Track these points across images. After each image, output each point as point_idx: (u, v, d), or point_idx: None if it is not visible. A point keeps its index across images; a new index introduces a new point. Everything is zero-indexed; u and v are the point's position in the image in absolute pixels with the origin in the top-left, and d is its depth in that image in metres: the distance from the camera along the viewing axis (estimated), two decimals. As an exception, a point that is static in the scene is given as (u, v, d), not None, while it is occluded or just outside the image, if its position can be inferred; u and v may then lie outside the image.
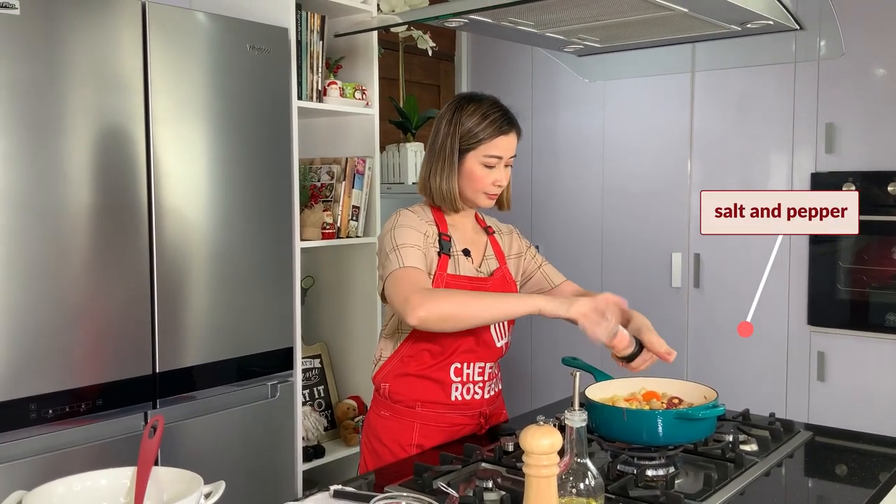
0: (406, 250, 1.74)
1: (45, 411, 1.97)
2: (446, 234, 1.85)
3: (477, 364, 1.85)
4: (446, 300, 1.64)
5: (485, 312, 1.66)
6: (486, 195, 1.85)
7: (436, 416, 1.82)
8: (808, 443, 1.83)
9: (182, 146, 2.26)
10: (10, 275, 1.92)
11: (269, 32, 2.50)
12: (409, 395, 1.83)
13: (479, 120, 1.80)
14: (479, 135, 1.80)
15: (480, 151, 1.80)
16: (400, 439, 1.82)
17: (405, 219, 1.81)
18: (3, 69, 1.90)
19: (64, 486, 1.15)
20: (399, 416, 1.84)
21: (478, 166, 1.81)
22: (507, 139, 1.83)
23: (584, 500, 1.13)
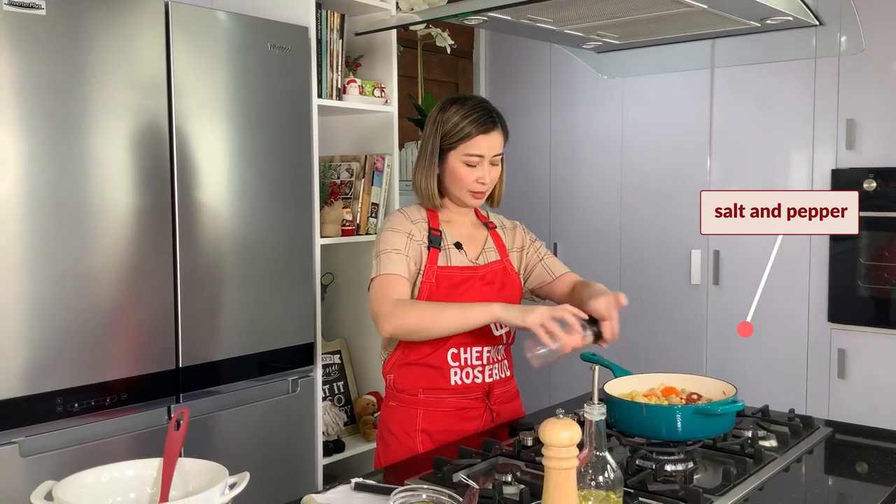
0: (386, 256, 1.82)
1: (72, 405, 2.01)
2: (437, 229, 1.90)
3: (474, 348, 1.88)
4: (411, 314, 1.75)
5: (447, 325, 1.75)
6: (471, 193, 1.89)
7: (437, 401, 1.87)
8: (828, 439, 1.83)
9: (204, 144, 2.29)
10: (37, 272, 1.96)
11: (289, 31, 2.52)
12: (412, 384, 1.89)
13: (459, 119, 1.85)
14: (458, 134, 1.85)
15: (461, 150, 1.85)
16: (405, 426, 1.88)
17: (392, 221, 1.90)
18: (30, 69, 1.94)
19: (93, 477, 1.18)
20: (404, 405, 1.90)
21: (459, 165, 1.86)
22: (487, 138, 1.85)
23: (603, 492, 1.14)
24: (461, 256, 1.91)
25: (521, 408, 2.04)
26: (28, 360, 1.94)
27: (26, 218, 1.94)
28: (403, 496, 1.24)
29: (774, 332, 3.31)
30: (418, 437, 1.86)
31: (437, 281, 1.85)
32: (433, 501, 1.22)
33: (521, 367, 1.99)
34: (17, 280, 1.92)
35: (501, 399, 1.95)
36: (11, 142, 1.91)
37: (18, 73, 1.92)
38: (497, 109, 1.92)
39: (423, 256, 1.86)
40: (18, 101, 1.92)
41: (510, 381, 2.00)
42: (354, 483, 1.50)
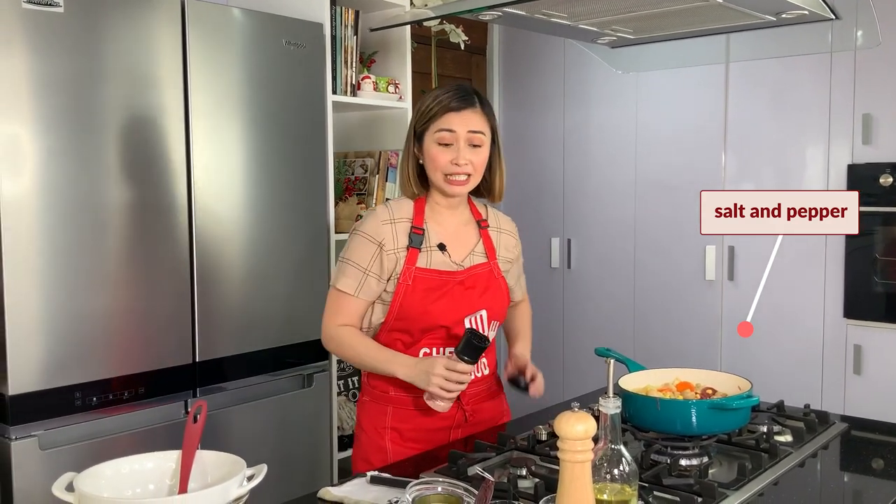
0: (345, 267, 1.80)
1: (90, 399, 2.03)
2: (419, 227, 1.82)
3: (447, 349, 1.81)
4: (340, 354, 1.87)
5: (368, 370, 1.85)
6: (448, 178, 1.79)
7: (408, 399, 1.82)
8: (844, 434, 1.83)
9: (220, 141, 2.31)
10: (55, 268, 1.98)
11: (304, 28, 2.53)
12: (384, 380, 1.84)
13: (432, 100, 1.80)
14: (428, 113, 1.79)
15: (432, 129, 1.78)
16: (375, 422, 1.85)
17: (368, 224, 1.81)
18: (47, 66, 1.96)
19: (112, 469, 1.20)
20: (375, 401, 1.86)
21: (433, 146, 1.78)
22: (458, 115, 1.77)
23: (618, 486, 1.14)
24: (444, 259, 1.82)
25: (503, 406, 2.00)
26: (47, 354, 1.97)
27: (44, 214, 1.96)
28: (419, 489, 1.25)
29: (790, 327, 3.30)
30: (388, 434, 1.83)
31: (413, 283, 1.77)
32: (448, 494, 1.23)
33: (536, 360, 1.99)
34: (36, 276, 1.95)
35: (477, 398, 1.88)
36: (29, 139, 1.94)
37: (36, 70, 1.94)
38: (481, 93, 1.84)
39: (399, 262, 1.78)
40: (36, 99, 1.94)
41: (488, 378, 1.92)
42: (370, 476, 1.51)
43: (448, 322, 1.80)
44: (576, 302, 3.91)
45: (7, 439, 1.92)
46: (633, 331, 3.70)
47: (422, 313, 1.78)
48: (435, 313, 1.79)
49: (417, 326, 1.79)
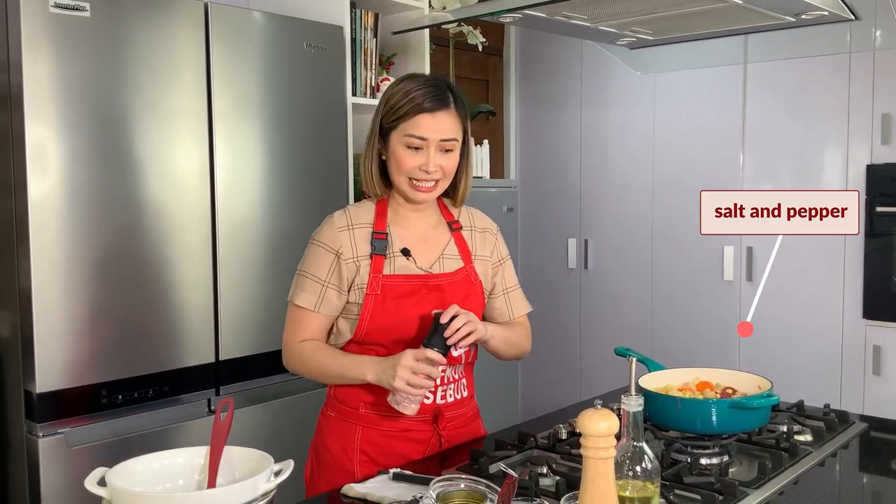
0: (302, 281, 1.66)
1: (115, 397, 2.06)
2: (381, 232, 1.66)
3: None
4: (304, 370, 1.69)
5: (334, 382, 1.69)
6: (412, 183, 1.62)
7: (380, 419, 1.66)
8: (864, 434, 1.83)
9: (242, 142, 2.34)
10: (81, 269, 2.01)
11: (324, 30, 2.56)
12: (354, 397, 1.67)
13: (402, 96, 1.60)
14: (398, 112, 1.60)
15: (401, 131, 1.60)
16: (343, 443, 1.67)
17: (324, 231, 1.68)
18: (74, 69, 1.99)
19: (143, 464, 1.22)
20: (343, 417, 1.69)
21: (400, 148, 1.61)
22: (432, 118, 1.59)
23: (640, 482, 1.16)
24: (408, 264, 1.66)
25: (480, 431, 1.82)
26: (73, 353, 2.00)
27: (70, 215, 1.99)
28: (442, 485, 1.27)
29: (809, 328, 3.29)
30: (356, 456, 1.65)
31: (382, 292, 1.62)
32: (472, 490, 1.24)
33: (554, 360, 2.00)
34: (63, 277, 1.98)
35: (455, 423, 1.72)
36: (56, 140, 1.97)
37: (63, 73, 1.98)
38: (455, 89, 1.66)
39: (360, 272, 1.63)
40: (63, 101, 1.98)
41: (468, 402, 1.76)
42: (393, 473, 1.52)
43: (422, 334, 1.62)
44: (593, 302, 3.92)
45: (35, 436, 1.96)
46: (651, 331, 3.71)
47: (395, 324, 1.62)
48: (411, 323, 1.62)
49: (390, 338, 1.63)
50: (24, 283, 1.95)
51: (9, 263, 2.00)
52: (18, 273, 1.97)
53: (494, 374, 3.62)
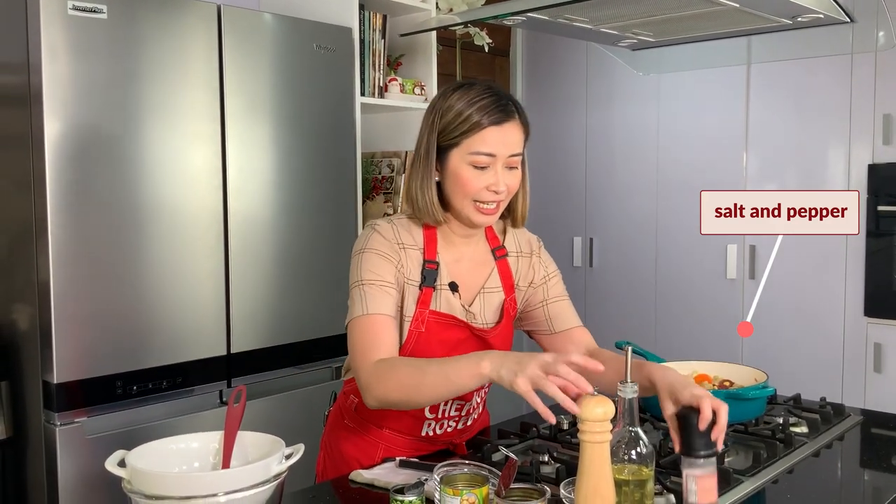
0: (372, 290, 1.45)
1: (131, 387, 2.12)
2: (433, 261, 1.51)
3: (456, 402, 1.60)
4: (390, 385, 1.38)
5: (431, 395, 1.39)
6: (477, 206, 1.46)
7: (404, 441, 1.61)
8: (859, 427, 1.87)
9: (253, 141, 2.40)
10: (98, 263, 2.07)
11: (334, 32, 2.62)
12: (379, 419, 1.59)
13: (463, 107, 1.43)
14: (461, 127, 1.43)
15: (465, 148, 1.43)
16: (361, 458, 1.61)
17: (376, 241, 1.49)
18: (93, 69, 2.05)
19: (161, 447, 1.28)
20: (364, 433, 1.62)
21: (464, 167, 1.44)
22: (500, 131, 1.43)
23: (636, 466, 1.21)
24: (453, 300, 1.53)
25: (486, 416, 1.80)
26: (90, 345, 2.06)
27: (86, 212, 2.05)
28: (446, 469, 1.32)
29: (810, 326, 3.33)
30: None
31: (427, 329, 1.49)
32: (474, 473, 1.29)
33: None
34: (81, 271, 2.04)
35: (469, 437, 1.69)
36: (73, 139, 2.03)
37: (80, 73, 2.03)
38: (513, 97, 1.50)
39: (408, 298, 1.49)
40: (80, 100, 2.04)
41: (482, 416, 1.74)
42: (399, 461, 1.58)
43: None
44: (598, 300, 3.96)
45: (53, 425, 2.02)
46: (655, 329, 3.75)
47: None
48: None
49: None
50: (43, 277, 2.01)
51: (28, 258, 2.06)
52: (37, 267, 2.03)
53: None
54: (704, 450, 1.23)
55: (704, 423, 1.23)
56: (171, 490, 1.12)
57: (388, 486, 1.42)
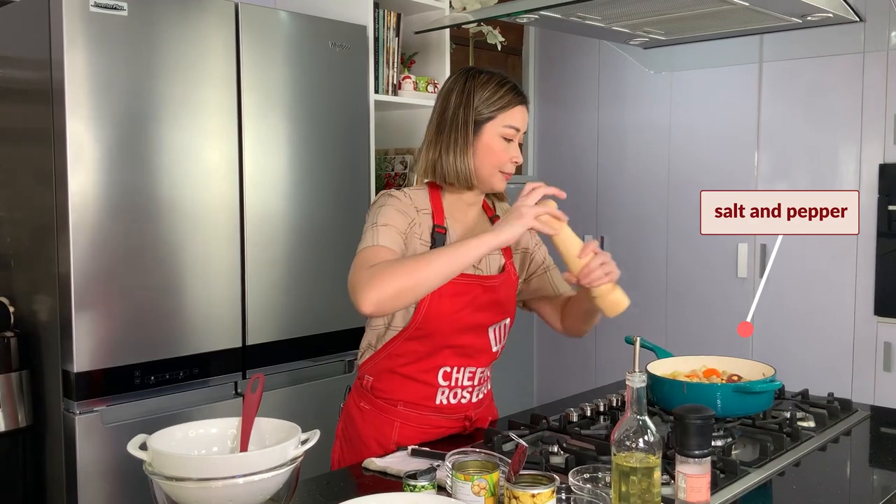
0: (384, 230, 1.57)
1: (148, 378, 2.17)
2: (441, 226, 1.66)
3: (468, 369, 1.71)
4: (394, 273, 1.43)
5: (441, 271, 1.45)
6: (503, 175, 1.67)
7: (417, 416, 1.70)
8: (866, 422, 1.88)
9: (269, 138, 2.43)
10: (117, 256, 2.11)
11: (348, 30, 2.65)
12: (393, 394, 1.70)
13: (495, 88, 1.63)
14: (498, 103, 1.62)
15: (500, 122, 1.62)
16: (379, 437, 1.70)
17: (394, 201, 1.63)
18: (113, 65, 2.09)
19: (181, 432, 1.31)
20: (379, 412, 1.71)
21: (496, 139, 1.62)
22: (522, 110, 1.65)
23: (643, 454, 1.23)
24: None
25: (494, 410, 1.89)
26: (109, 336, 2.10)
27: (106, 206, 2.10)
28: (457, 455, 1.35)
29: (821, 324, 3.34)
30: (392, 448, 1.68)
31: (439, 288, 1.55)
32: (485, 460, 1.33)
33: (568, 349, 2.06)
34: (99, 264, 2.08)
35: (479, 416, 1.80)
36: (94, 135, 2.07)
37: (101, 69, 2.07)
38: None
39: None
40: (100, 97, 2.08)
41: (489, 394, 1.85)
42: (411, 449, 1.61)
43: (474, 330, 1.68)
44: (608, 298, 3.97)
45: (72, 414, 2.06)
46: (665, 327, 3.77)
47: (449, 322, 1.63)
48: (463, 321, 1.65)
49: (440, 336, 1.64)
50: (64, 269, 2.05)
51: (49, 251, 2.10)
52: (58, 260, 2.07)
53: (511, 364, 3.70)
54: (697, 449, 1.26)
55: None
56: (190, 472, 1.16)
57: (400, 473, 1.46)
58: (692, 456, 1.27)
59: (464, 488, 1.27)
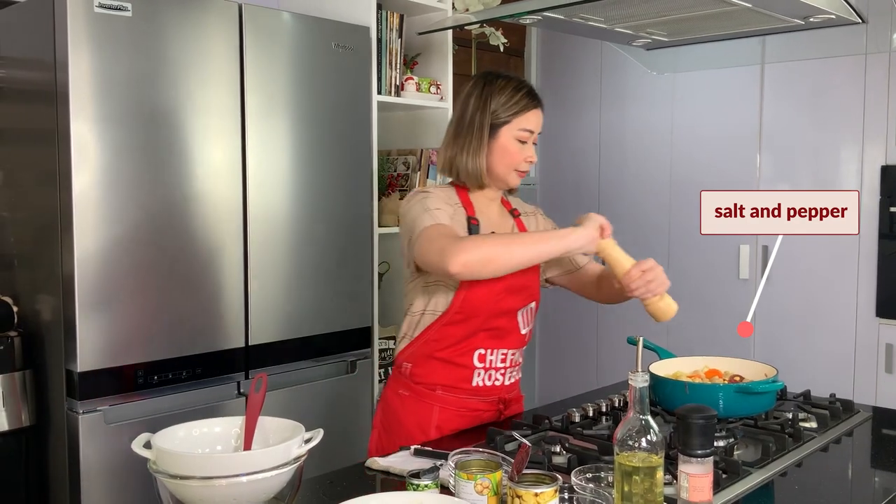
0: (440, 213, 1.72)
1: (151, 377, 2.17)
2: (474, 217, 1.81)
3: (500, 351, 1.83)
4: (485, 243, 1.63)
5: (527, 253, 1.65)
6: (518, 172, 1.82)
7: (456, 400, 1.82)
8: (868, 423, 1.89)
9: (272, 138, 2.44)
10: (121, 257, 2.12)
11: (351, 31, 2.65)
12: (431, 378, 1.82)
13: (511, 93, 1.78)
14: (513, 108, 1.77)
15: (515, 125, 1.78)
16: (420, 421, 1.81)
17: (434, 194, 1.79)
18: (118, 66, 2.10)
19: (185, 430, 1.32)
20: (419, 397, 1.82)
21: (512, 141, 1.78)
22: (537, 113, 1.81)
23: (645, 454, 1.24)
24: None
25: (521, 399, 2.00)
26: (112, 335, 2.11)
27: (110, 206, 2.10)
28: (460, 455, 1.36)
29: (822, 326, 3.34)
30: (433, 432, 1.80)
31: None
32: (487, 459, 1.33)
33: (570, 349, 2.07)
34: (103, 264, 2.09)
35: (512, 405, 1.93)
36: (98, 136, 2.08)
37: (105, 70, 2.08)
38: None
39: None
40: (104, 97, 2.09)
41: (518, 382, 1.96)
42: (414, 449, 1.62)
43: (506, 315, 1.81)
44: (610, 299, 3.98)
45: (75, 413, 2.07)
46: (667, 328, 3.76)
47: (486, 305, 1.76)
48: (499, 304, 1.78)
49: (479, 318, 1.78)
50: (67, 269, 2.06)
51: (53, 251, 2.11)
52: (62, 260, 2.08)
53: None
54: (700, 449, 1.27)
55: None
56: (194, 470, 1.16)
57: (403, 473, 1.46)
58: (695, 455, 1.27)
59: (467, 487, 1.27)
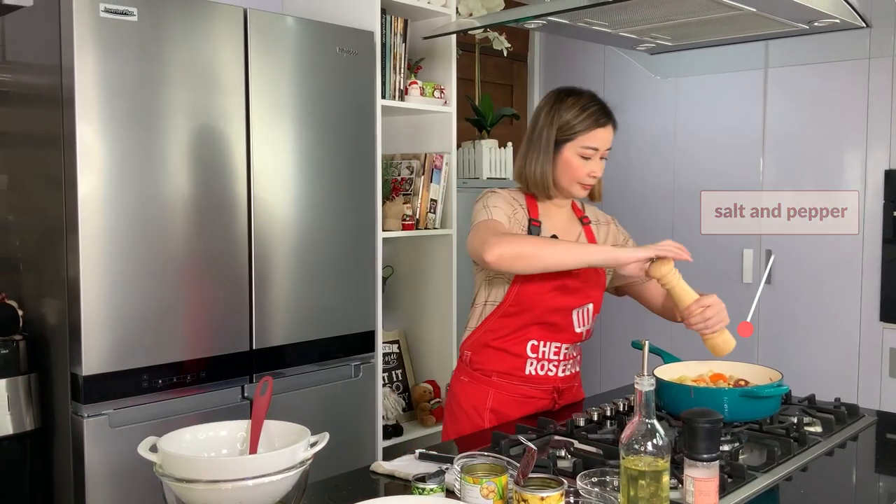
0: (496, 211, 1.88)
1: (156, 381, 2.17)
2: (536, 219, 1.94)
3: (553, 343, 1.96)
4: (522, 241, 1.78)
5: (558, 257, 1.76)
6: (581, 185, 1.93)
7: (510, 386, 1.96)
8: (873, 427, 1.89)
9: (277, 142, 2.44)
10: (126, 260, 2.12)
11: (356, 36, 2.66)
12: (487, 365, 1.97)
13: (577, 112, 1.88)
14: (576, 126, 1.88)
15: (578, 143, 1.89)
16: (476, 403, 1.97)
17: (499, 194, 1.94)
18: (120, 70, 2.10)
19: (191, 434, 1.33)
20: (476, 382, 1.98)
21: (575, 157, 1.90)
22: (603, 132, 1.90)
23: (651, 458, 1.24)
24: None
25: (581, 391, 2.13)
26: (117, 339, 2.11)
27: (115, 210, 2.10)
28: (465, 459, 1.36)
29: (826, 330, 3.34)
30: (486, 415, 1.95)
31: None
32: (493, 463, 1.33)
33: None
34: (109, 267, 2.09)
35: (569, 393, 2.05)
36: (103, 139, 2.08)
37: (111, 74, 2.09)
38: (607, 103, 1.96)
39: None
40: (110, 101, 2.09)
41: (578, 375, 2.09)
42: (419, 453, 1.62)
43: (560, 312, 1.92)
44: (614, 301, 3.97)
45: (80, 417, 2.07)
46: (670, 332, 3.76)
47: (538, 300, 1.89)
48: (551, 301, 1.90)
49: (533, 312, 1.90)
50: (73, 272, 2.06)
51: (58, 254, 2.12)
52: (67, 263, 2.08)
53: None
54: (706, 453, 1.27)
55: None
56: (200, 474, 1.16)
57: (407, 477, 1.46)
58: (700, 459, 1.27)
59: (472, 491, 1.27)
